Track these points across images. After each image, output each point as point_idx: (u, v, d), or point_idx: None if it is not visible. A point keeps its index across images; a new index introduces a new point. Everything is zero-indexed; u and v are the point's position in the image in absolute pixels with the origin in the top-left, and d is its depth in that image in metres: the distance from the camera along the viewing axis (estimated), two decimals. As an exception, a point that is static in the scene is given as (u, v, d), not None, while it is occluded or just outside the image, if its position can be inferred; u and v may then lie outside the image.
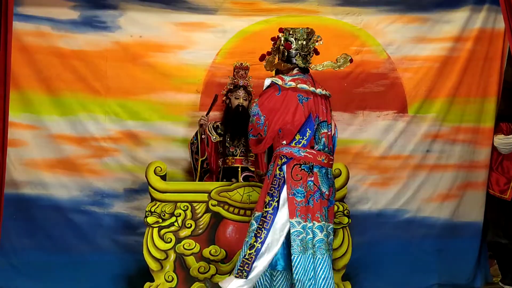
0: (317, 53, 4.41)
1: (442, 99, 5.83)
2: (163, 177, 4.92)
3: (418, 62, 5.84)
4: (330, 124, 4.25)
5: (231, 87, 5.38)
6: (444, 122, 5.84)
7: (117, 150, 5.58)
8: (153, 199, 4.91)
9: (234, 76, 5.38)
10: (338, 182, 4.95)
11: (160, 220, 4.85)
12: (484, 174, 5.78)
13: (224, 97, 5.41)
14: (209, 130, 5.33)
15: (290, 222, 4.03)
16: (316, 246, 4.05)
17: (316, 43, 4.34)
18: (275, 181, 4.12)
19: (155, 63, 5.56)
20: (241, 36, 5.77)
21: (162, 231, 4.85)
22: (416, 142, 5.84)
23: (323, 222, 4.06)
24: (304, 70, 4.32)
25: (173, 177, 5.38)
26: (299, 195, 4.06)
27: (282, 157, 4.16)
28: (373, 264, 5.55)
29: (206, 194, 4.88)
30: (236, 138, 5.28)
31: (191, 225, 4.86)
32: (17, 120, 5.40)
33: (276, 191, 4.09)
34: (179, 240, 4.85)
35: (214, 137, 5.33)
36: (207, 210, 4.87)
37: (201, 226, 4.86)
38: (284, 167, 4.12)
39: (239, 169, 5.30)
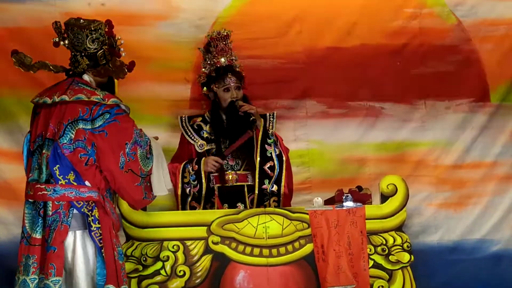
0: (118, 56, 3.99)
1: (539, 79, 5.39)
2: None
3: (502, 27, 5.23)
4: (62, 138, 3.75)
5: (212, 73, 4.70)
6: (544, 112, 5.34)
7: (73, 167, 4.96)
8: (129, 237, 4.42)
9: (212, 54, 4.71)
10: (394, 203, 4.35)
11: (140, 267, 4.36)
12: None
13: (205, 88, 4.77)
14: (188, 135, 4.74)
15: None
16: None
17: (95, 34, 3.78)
18: None
19: (125, 41, 4.49)
20: (245, -2, 5.37)
21: (144, 283, 4.38)
22: (504, 143, 5.27)
23: (26, 277, 3.69)
24: (78, 75, 3.94)
25: (156, 205, 4.61)
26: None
27: None
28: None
29: (205, 228, 4.35)
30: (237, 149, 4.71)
31: (184, 273, 4.37)
32: None
33: None
34: (168, 294, 4.55)
35: (199, 145, 4.66)
36: (207, 250, 4.37)
37: (199, 274, 4.33)
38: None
39: (245, 188, 4.64)
